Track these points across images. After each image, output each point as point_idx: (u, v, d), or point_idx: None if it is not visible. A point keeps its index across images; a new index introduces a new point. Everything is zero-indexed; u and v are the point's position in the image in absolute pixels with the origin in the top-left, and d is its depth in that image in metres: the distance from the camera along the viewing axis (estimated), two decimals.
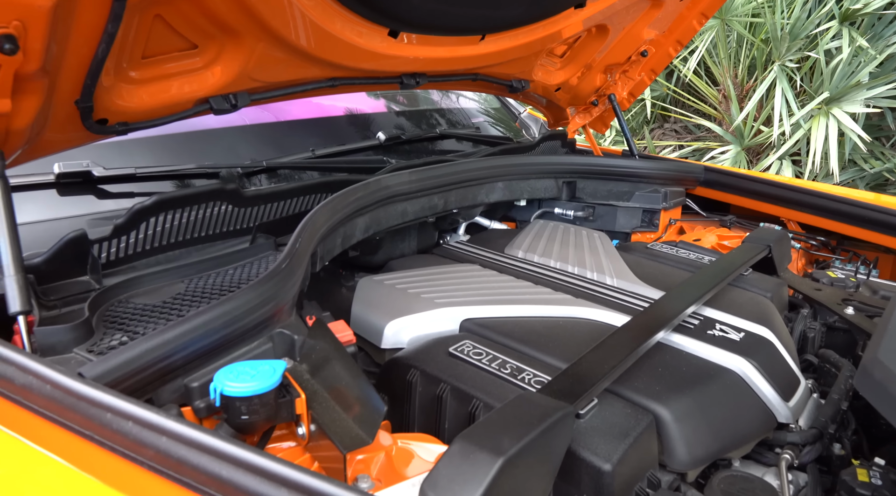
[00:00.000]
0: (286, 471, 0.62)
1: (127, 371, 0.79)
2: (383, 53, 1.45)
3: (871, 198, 1.98)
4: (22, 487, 0.72)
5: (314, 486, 0.61)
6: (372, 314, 1.30)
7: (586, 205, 2.02)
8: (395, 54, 1.48)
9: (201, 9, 1.07)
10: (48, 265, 1.08)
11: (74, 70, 0.98)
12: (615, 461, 0.93)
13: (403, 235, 1.75)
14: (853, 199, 1.90)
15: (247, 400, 0.82)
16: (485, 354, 1.14)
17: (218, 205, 1.27)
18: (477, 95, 2.55)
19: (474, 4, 1.49)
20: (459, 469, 0.76)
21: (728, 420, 1.10)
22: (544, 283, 1.46)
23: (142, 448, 0.69)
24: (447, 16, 1.48)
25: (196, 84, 1.20)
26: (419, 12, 1.39)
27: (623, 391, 1.08)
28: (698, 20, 2.16)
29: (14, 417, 0.78)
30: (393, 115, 2.15)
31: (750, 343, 1.24)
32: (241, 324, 0.90)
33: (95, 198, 1.35)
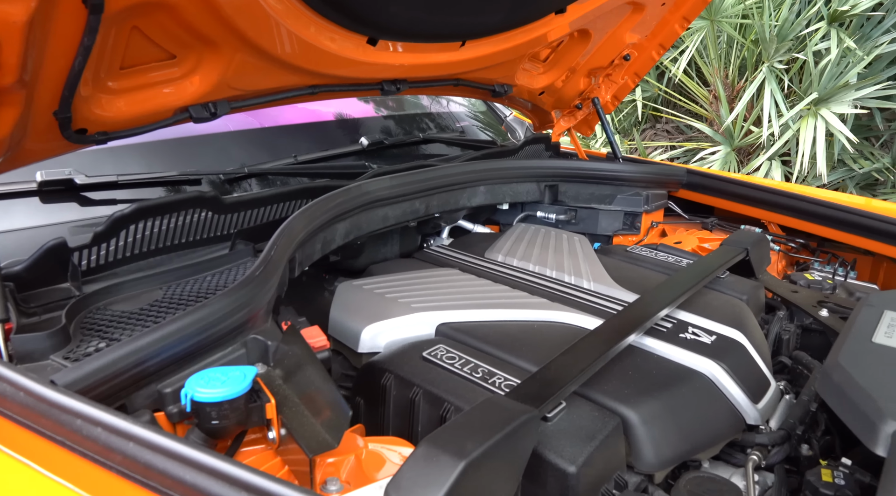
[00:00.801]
0: (247, 476, 0.64)
1: (99, 378, 0.81)
2: (362, 61, 1.47)
3: (848, 200, 2.01)
4: None
5: (272, 490, 0.63)
6: (349, 318, 1.32)
7: (568, 208, 2.05)
8: (374, 61, 1.50)
9: (178, 20, 1.09)
10: (28, 273, 1.10)
11: (52, 82, 1.00)
12: (580, 463, 0.95)
13: (386, 240, 1.77)
14: (832, 202, 1.93)
15: (217, 405, 0.84)
16: (458, 358, 1.17)
17: (198, 212, 1.29)
18: (464, 99, 2.57)
19: (453, 12, 1.51)
20: (423, 471, 0.79)
21: (696, 422, 1.12)
22: (521, 287, 1.49)
23: (110, 453, 0.71)
24: (426, 23, 1.50)
25: (175, 93, 1.22)
26: (397, 20, 1.42)
27: (592, 394, 1.10)
28: (680, 24, 2.18)
29: None
30: (379, 120, 2.17)
31: (721, 346, 1.27)
32: (214, 331, 0.93)
33: (78, 205, 1.37)
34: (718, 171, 2.32)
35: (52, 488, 0.74)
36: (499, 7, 1.61)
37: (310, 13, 1.25)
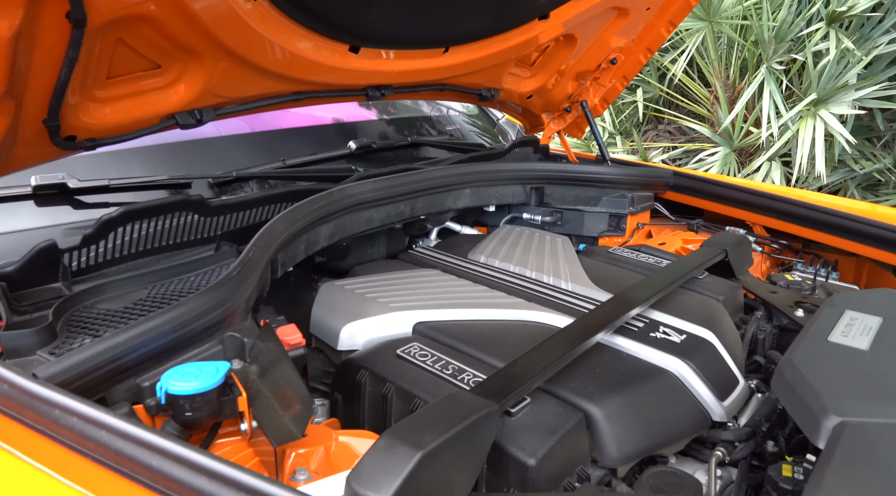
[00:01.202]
0: (210, 463, 0.69)
1: (79, 371, 0.86)
2: (345, 68, 1.52)
3: (833, 202, 2.03)
4: None
5: (233, 476, 0.68)
6: (330, 317, 1.37)
7: (554, 210, 2.09)
8: (356, 68, 1.55)
9: (160, 32, 1.14)
10: (20, 273, 1.15)
11: (40, 91, 1.05)
12: (540, 456, 0.99)
13: (372, 241, 1.82)
14: (816, 205, 1.95)
15: (190, 398, 0.89)
16: (430, 356, 1.21)
17: (184, 215, 1.34)
18: (459, 102, 2.62)
19: (434, 20, 1.56)
20: (382, 462, 0.83)
21: (660, 418, 1.16)
22: (500, 288, 1.53)
23: (85, 441, 0.76)
24: (406, 31, 1.54)
25: (161, 101, 1.27)
26: (377, 29, 1.46)
27: (558, 391, 1.14)
28: (666, 28, 2.21)
29: None
30: (371, 123, 2.22)
31: (690, 345, 1.30)
32: (191, 328, 0.97)
33: (71, 208, 1.42)
34: (704, 173, 2.34)
35: (32, 474, 0.79)
36: (480, 14, 1.65)
37: (289, 23, 1.30)
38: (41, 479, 0.78)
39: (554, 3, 1.83)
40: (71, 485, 0.75)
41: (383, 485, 0.80)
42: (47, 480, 0.78)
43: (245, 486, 0.66)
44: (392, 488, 0.79)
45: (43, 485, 0.78)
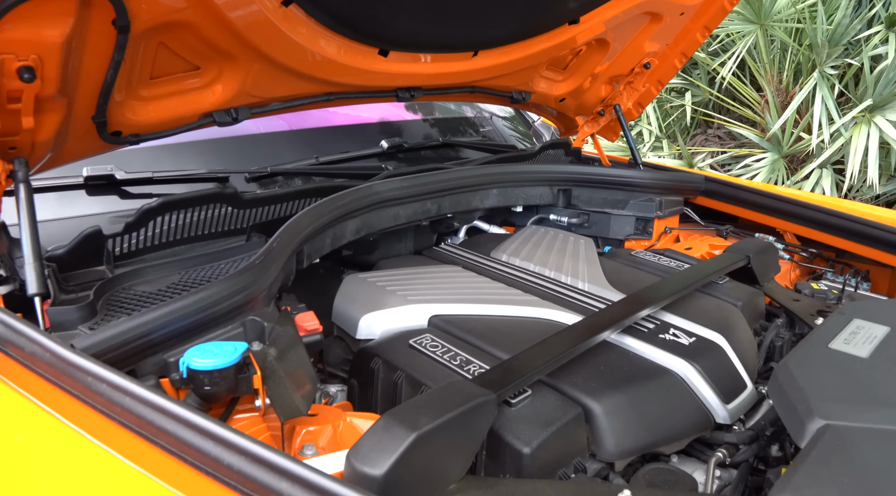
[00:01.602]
0: (216, 429, 0.76)
1: (111, 344, 0.95)
2: (375, 70, 1.59)
3: (869, 212, 2.00)
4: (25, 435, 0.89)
5: (235, 441, 0.75)
6: (350, 308, 1.44)
7: (581, 212, 2.11)
8: (386, 71, 1.61)
9: (198, 37, 1.23)
10: (69, 256, 1.27)
11: (89, 91, 1.16)
12: (534, 445, 1.03)
13: (400, 237, 1.88)
14: (846, 213, 1.92)
15: (208, 373, 0.97)
16: (440, 347, 1.27)
17: (218, 207, 1.43)
18: None
19: (461, 25, 1.62)
20: (380, 440, 0.89)
21: (660, 417, 1.18)
22: (518, 286, 1.57)
23: (112, 406, 0.85)
24: (434, 36, 1.60)
25: (200, 100, 1.37)
26: (405, 33, 1.53)
27: (561, 385, 1.18)
28: (701, 33, 2.21)
29: (24, 379, 0.95)
30: (407, 123, 2.30)
31: (698, 347, 1.32)
32: (214, 311, 1.06)
33: (118, 198, 1.54)
34: (737, 179, 2.32)
35: (67, 434, 0.88)
36: (507, 20, 1.70)
37: (321, 29, 1.38)
38: (75, 438, 0.88)
39: (583, 9, 1.86)
40: (99, 444, 0.84)
41: (378, 462, 0.86)
42: (80, 439, 0.87)
43: (246, 451, 0.74)
44: (386, 465, 0.86)
45: (76, 443, 0.87)
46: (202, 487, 0.76)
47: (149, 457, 0.80)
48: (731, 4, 2.11)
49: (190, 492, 0.76)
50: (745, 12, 4.51)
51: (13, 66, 0.98)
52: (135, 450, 0.82)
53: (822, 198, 2.37)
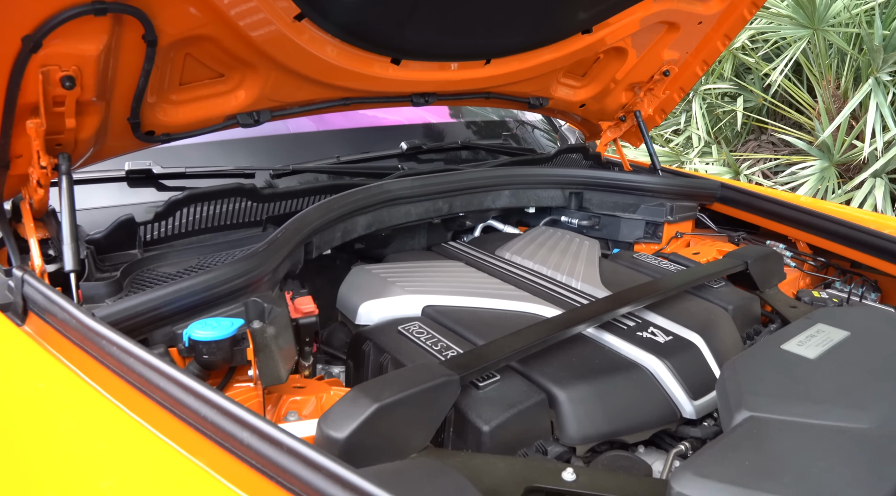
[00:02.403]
0: (196, 386, 0.90)
1: (126, 315, 1.11)
2: (389, 78, 1.71)
3: (884, 223, 1.98)
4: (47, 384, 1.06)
5: (212, 398, 0.89)
6: (352, 295, 1.57)
7: (592, 214, 2.18)
8: (400, 78, 1.74)
9: (221, 48, 1.38)
10: (105, 240, 1.45)
11: (124, 96, 1.33)
12: (493, 424, 1.13)
13: (414, 233, 2.01)
14: (860, 225, 1.91)
15: (206, 344, 1.12)
16: (425, 334, 1.38)
17: (238, 200, 1.59)
18: None
19: (470, 36, 1.72)
20: (346, 409, 1.02)
21: (623, 408, 1.26)
22: (513, 282, 1.66)
23: (121, 365, 1.00)
24: (444, 46, 1.71)
25: (224, 104, 1.53)
26: (415, 44, 1.64)
27: (532, 372, 1.27)
28: (722, 41, 2.24)
29: (56, 340, 1.12)
30: (430, 126, 2.41)
31: (673, 346, 1.38)
32: (217, 291, 1.21)
33: (156, 190, 1.72)
34: (753, 186, 2.33)
35: (85, 388, 1.04)
36: (517, 31, 1.79)
37: (333, 40, 1.51)
38: (90, 392, 1.03)
39: (596, 19, 1.93)
40: (108, 396, 0.99)
41: (342, 426, 0.99)
42: (94, 394, 1.02)
43: (217, 404, 0.87)
44: (349, 429, 0.98)
45: (90, 396, 1.02)
46: (184, 435, 0.90)
47: (144, 408, 0.95)
48: (749, 13, 2.14)
49: (174, 437, 0.90)
50: (798, 16, 4.42)
51: (57, 75, 1.15)
52: (133, 401, 0.96)
53: (843, 209, 2.35)
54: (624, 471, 1.18)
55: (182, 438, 0.90)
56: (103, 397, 1.00)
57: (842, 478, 0.81)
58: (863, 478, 0.82)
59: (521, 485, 1.01)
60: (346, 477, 0.74)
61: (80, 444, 0.93)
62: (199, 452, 0.87)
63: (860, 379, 1.04)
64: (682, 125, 5.80)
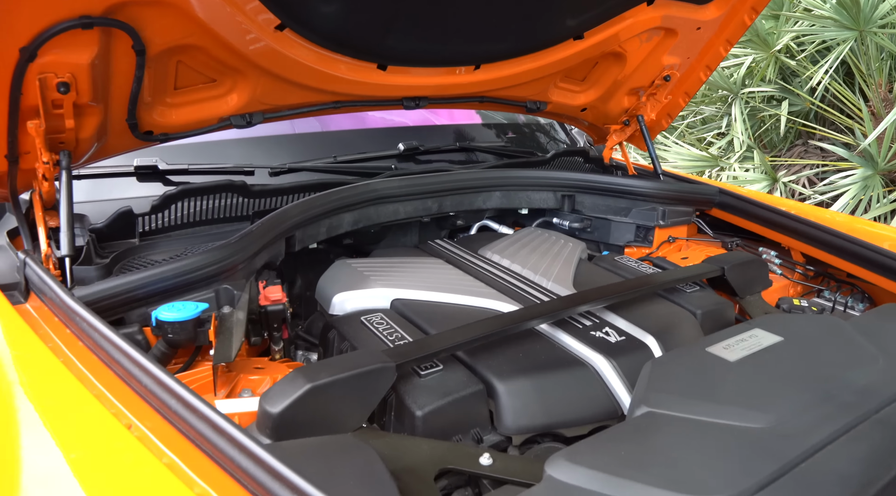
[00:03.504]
0: (140, 358, 1.02)
1: (102, 296, 1.25)
2: (376, 83, 1.81)
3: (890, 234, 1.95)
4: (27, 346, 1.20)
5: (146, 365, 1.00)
6: (329, 287, 1.67)
7: (584, 217, 2.22)
8: (388, 83, 1.83)
9: (209, 56, 1.51)
10: (107, 229, 1.60)
11: (121, 99, 1.47)
12: (427, 410, 1.21)
13: (405, 230, 2.10)
14: (855, 238, 1.87)
15: (170, 324, 1.24)
16: (385, 325, 1.47)
17: (229, 196, 1.72)
18: None
19: (454, 42, 1.80)
20: (284, 387, 1.11)
21: (562, 402, 1.31)
22: (486, 280, 1.73)
23: (87, 337, 1.13)
24: (429, 52, 1.80)
25: (218, 107, 1.66)
26: (398, 51, 1.73)
27: (476, 364, 1.34)
28: (724, 47, 2.24)
29: (47, 316, 1.27)
30: (432, 128, 2.50)
31: (623, 346, 1.42)
32: (188, 277, 1.33)
33: (162, 184, 1.88)
34: (751, 193, 2.31)
35: (60, 350, 1.17)
36: (504, 37, 1.85)
37: (316, 48, 1.62)
38: (62, 353, 1.16)
39: (587, 25, 1.97)
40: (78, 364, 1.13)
41: (277, 402, 1.09)
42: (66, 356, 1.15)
43: (157, 378, 0.98)
44: (282, 405, 1.08)
45: (62, 355, 1.15)
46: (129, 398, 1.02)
47: (104, 375, 1.07)
48: (750, 19, 2.13)
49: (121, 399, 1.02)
50: (841, 18, 4.27)
51: (53, 81, 1.30)
52: (96, 368, 1.10)
53: (850, 219, 2.30)
54: (542, 461, 1.23)
55: (130, 402, 1.03)
56: (74, 363, 1.13)
57: (709, 470, 0.86)
58: (731, 472, 0.86)
59: (438, 467, 1.09)
60: (245, 444, 0.84)
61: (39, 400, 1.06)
62: (141, 415, 0.99)
63: (771, 382, 1.07)
64: (723, 129, 5.68)
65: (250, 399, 1.21)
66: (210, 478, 0.89)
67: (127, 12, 1.29)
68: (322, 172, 2.03)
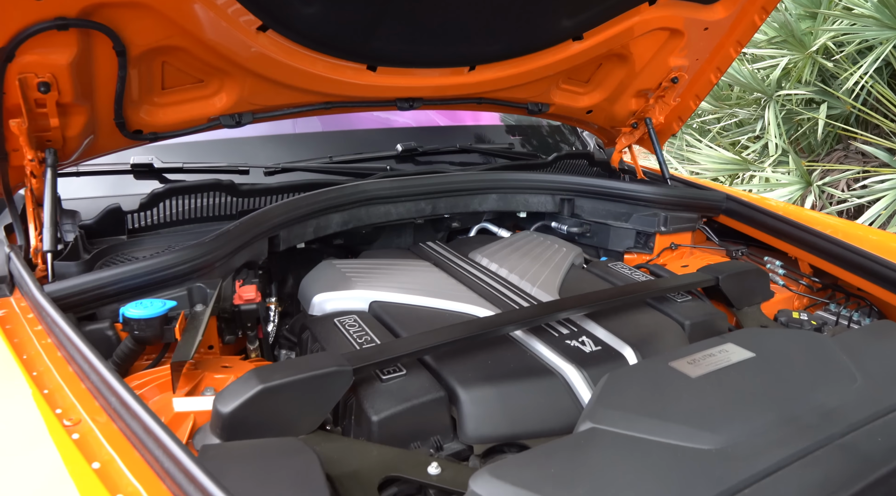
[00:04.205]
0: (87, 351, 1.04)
1: (72, 292, 1.27)
2: (366, 84, 1.80)
3: None
4: None
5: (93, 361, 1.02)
6: (311, 287, 1.68)
7: (584, 222, 2.17)
8: (379, 84, 1.82)
9: (193, 57, 1.53)
10: (96, 226, 1.64)
11: (106, 99, 1.50)
12: (383, 416, 1.19)
13: (399, 232, 2.09)
14: (866, 251, 1.78)
15: (136, 321, 1.26)
16: (356, 327, 1.46)
17: (217, 195, 1.74)
18: None
19: (442, 43, 1.77)
20: (237, 387, 1.12)
21: (527, 412, 1.28)
22: (469, 284, 1.71)
23: (52, 333, 1.16)
24: (418, 53, 1.78)
25: (207, 107, 1.68)
26: (386, 52, 1.72)
27: (442, 370, 1.32)
28: (734, 48, 2.16)
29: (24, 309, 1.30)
30: (435, 129, 2.48)
31: (596, 356, 1.38)
32: (159, 275, 1.35)
33: (158, 182, 1.91)
34: (758, 199, 2.22)
35: (30, 345, 1.20)
36: (497, 38, 1.82)
37: (301, 48, 1.62)
38: (32, 347, 1.19)
39: (584, 26, 1.93)
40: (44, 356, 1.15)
41: (229, 402, 1.09)
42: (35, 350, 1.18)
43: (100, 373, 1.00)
44: (232, 406, 1.09)
45: (31, 349, 1.19)
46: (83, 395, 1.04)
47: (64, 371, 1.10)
48: (760, 19, 2.05)
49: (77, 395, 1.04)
50: (883, 16, 4.09)
51: (34, 81, 1.33)
52: (57, 362, 1.12)
53: (866, 230, 2.20)
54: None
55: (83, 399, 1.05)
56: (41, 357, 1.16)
57: (642, 492, 0.82)
58: (666, 494, 0.82)
59: (383, 474, 1.08)
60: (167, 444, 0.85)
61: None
62: (92, 412, 1.01)
63: (730, 401, 1.02)
64: (758, 131, 5.50)
65: (208, 398, 1.22)
66: (142, 479, 0.90)
67: (104, 14, 1.32)
68: (316, 172, 2.04)
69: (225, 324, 1.46)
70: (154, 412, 0.91)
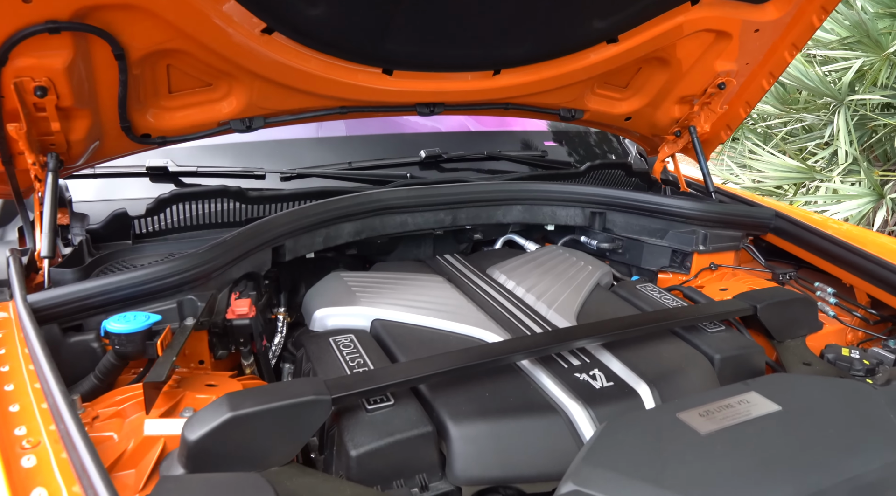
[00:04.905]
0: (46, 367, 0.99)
1: (56, 302, 1.24)
2: (383, 88, 1.72)
3: None
4: None
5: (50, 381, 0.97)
6: (314, 301, 1.61)
7: (615, 237, 2.03)
8: (397, 88, 1.73)
9: (197, 60, 1.47)
10: (103, 230, 1.62)
11: (110, 103, 1.47)
12: (363, 451, 1.11)
13: (419, 242, 2.00)
14: None
15: (117, 335, 1.21)
16: (351, 348, 1.38)
17: (225, 201, 1.69)
18: None
19: (462, 45, 1.67)
20: (206, 414, 1.05)
21: (522, 454, 1.16)
22: (481, 303, 1.60)
23: (24, 338, 1.13)
24: (436, 56, 1.68)
25: (216, 110, 1.63)
26: (401, 55, 1.63)
27: (435, 401, 1.22)
28: (789, 52, 1.97)
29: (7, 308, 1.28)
30: (464, 135, 2.38)
31: (608, 393, 1.26)
32: (147, 287, 1.30)
33: (174, 185, 1.88)
34: (812, 219, 2.02)
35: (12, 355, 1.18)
36: (519, 40, 1.70)
37: (310, 51, 1.55)
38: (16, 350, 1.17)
39: (619, 28, 1.79)
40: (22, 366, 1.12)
41: (196, 430, 1.03)
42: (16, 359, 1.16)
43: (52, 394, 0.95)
44: (198, 434, 1.02)
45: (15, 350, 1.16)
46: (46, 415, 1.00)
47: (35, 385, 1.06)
48: (819, 20, 1.86)
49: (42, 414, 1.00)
50: None
51: (30, 85, 1.31)
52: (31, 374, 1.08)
53: None
54: None
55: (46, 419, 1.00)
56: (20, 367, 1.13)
57: None
58: None
59: None
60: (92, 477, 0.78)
61: None
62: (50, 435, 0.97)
63: (741, 467, 0.88)
64: (827, 138, 5.14)
65: (180, 421, 1.15)
66: None
67: (98, 17, 1.27)
68: (332, 179, 1.97)
69: (217, 339, 1.41)
70: (118, 434, 0.86)
